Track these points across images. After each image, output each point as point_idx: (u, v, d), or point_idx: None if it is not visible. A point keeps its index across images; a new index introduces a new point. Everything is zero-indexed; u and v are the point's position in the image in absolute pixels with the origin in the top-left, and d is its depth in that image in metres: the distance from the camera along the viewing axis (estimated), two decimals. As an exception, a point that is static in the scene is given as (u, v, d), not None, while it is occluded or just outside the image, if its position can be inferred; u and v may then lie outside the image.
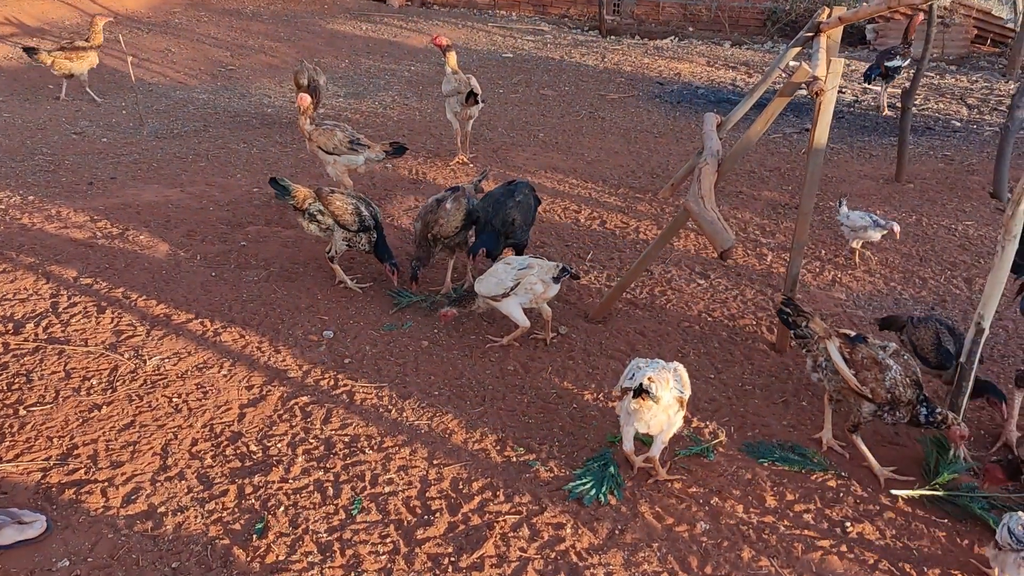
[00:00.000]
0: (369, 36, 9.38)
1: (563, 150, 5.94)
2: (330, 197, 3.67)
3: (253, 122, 6.22)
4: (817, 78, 3.08)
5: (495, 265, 3.34)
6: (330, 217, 3.64)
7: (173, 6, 9.50)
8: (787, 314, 2.81)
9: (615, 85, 7.84)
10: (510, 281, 3.25)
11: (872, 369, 2.58)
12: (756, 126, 3.26)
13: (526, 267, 3.29)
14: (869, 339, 2.69)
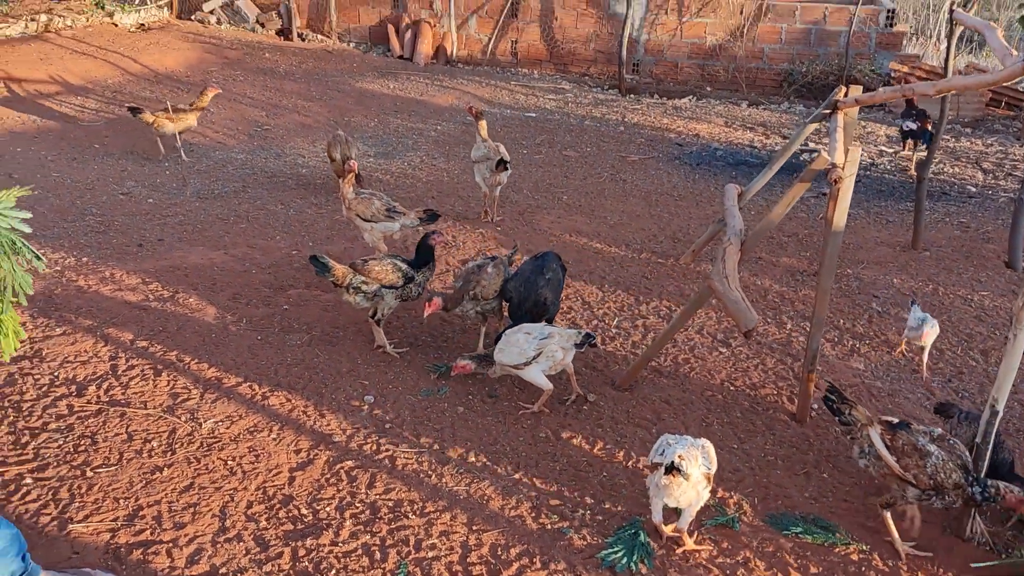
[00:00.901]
0: (397, 95, 9.70)
1: (586, 213, 6.15)
2: (366, 267, 3.87)
3: (289, 183, 6.48)
4: (836, 165, 3.29)
5: (515, 335, 3.51)
6: (375, 283, 3.83)
7: (210, 65, 9.88)
8: (832, 401, 2.96)
9: (635, 146, 8.08)
10: (532, 351, 3.43)
11: (913, 455, 2.69)
12: (778, 209, 3.46)
13: (547, 336, 3.47)
14: (913, 425, 2.80)
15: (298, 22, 11.97)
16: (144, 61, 9.56)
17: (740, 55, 10.44)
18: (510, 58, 11.51)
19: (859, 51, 9.98)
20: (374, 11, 11.90)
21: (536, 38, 11.32)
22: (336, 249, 5.18)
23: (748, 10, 10.25)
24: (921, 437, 2.74)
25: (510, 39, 11.44)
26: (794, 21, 10.19)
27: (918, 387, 3.82)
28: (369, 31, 12.00)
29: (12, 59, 8.56)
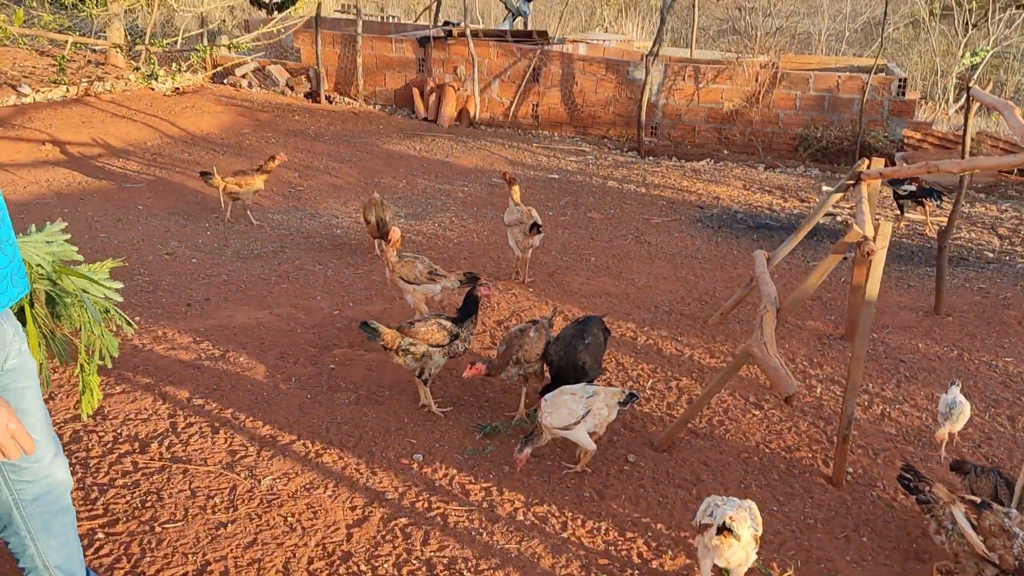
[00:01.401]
0: (423, 156, 10.00)
1: (614, 275, 6.33)
2: (413, 329, 4.03)
3: (325, 243, 6.70)
4: (867, 238, 3.46)
5: (561, 398, 3.64)
6: (423, 344, 3.99)
7: (243, 127, 10.22)
8: (908, 480, 3.06)
9: (658, 208, 8.30)
10: (581, 410, 3.56)
11: (1000, 536, 2.77)
12: (812, 279, 3.62)
13: (592, 395, 3.62)
14: (994, 506, 2.90)
15: (326, 85, 12.37)
16: (181, 124, 9.91)
17: (756, 120, 10.73)
18: (531, 121, 11.84)
19: (872, 118, 10.25)
20: (399, 75, 12.30)
21: (557, 102, 11.67)
22: (375, 309, 5.36)
23: (763, 77, 10.57)
24: (1006, 518, 2.80)
25: (531, 102, 11.79)
26: (808, 88, 10.49)
27: (951, 454, 3.93)
28: (394, 94, 12.38)
29: (56, 122, 8.90)
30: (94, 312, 2.46)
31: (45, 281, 2.33)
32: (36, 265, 2.26)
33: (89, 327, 2.37)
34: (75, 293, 2.36)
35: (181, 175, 8.20)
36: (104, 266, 2.52)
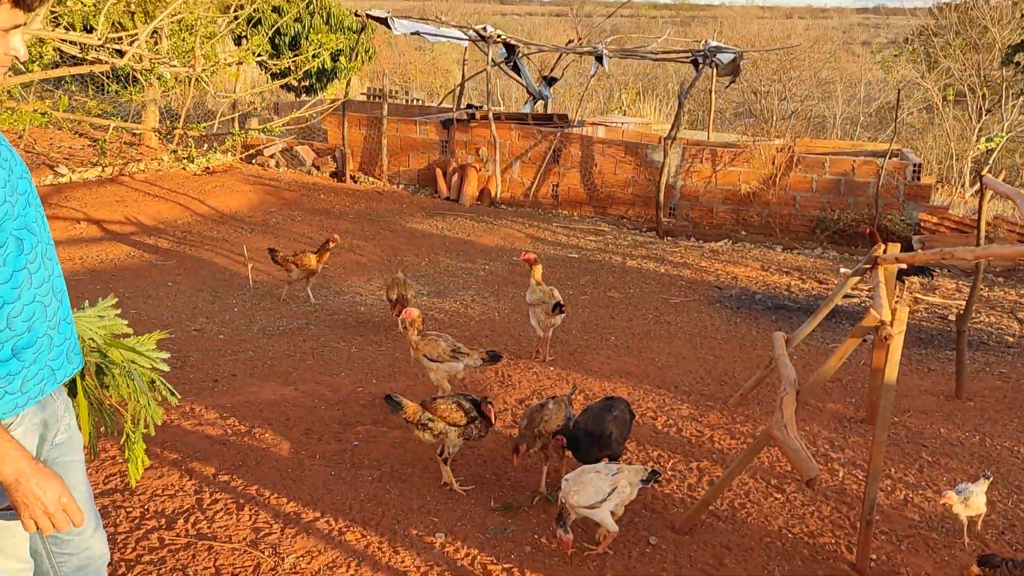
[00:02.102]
0: (445, 235, 10.20)
1: (634, 354, 6.39)
2: (433, 405, 4.10)
3: (349, 320, 6.82)
4: (884, 323, 3.52)
5: (585, 476, 3.68)
6: (441, 422, 4.05)
7: (270, 206, 10.50)
8: None
9: (677, 288, 8.40)
10: (607, 487, 3.59)
11: None
12: (831, 363, 3.68)
13: (617, 472, 3.65)
14: None
15: (351, 165, 12.73)
16: (210, 202, 10.20)
17: (773, 202, 10.90)
18: (551, 201, 12.08)
19: (888, 201, 10.39)
20: (423, 156, 12.64)
21: (576, 182, 11.92)
22: (398, 386, 5.43)
23: (779, 161, 10.78)
24: None
25: (551, 183, 12.05)
26: (824, 172, 10.68)
27: (975, 540, 3.90)
28: (417, 174, 12.71)
29: (91, 201, 9.21)
30: (141, 383, 2.56)
31: (96, 354, 2.44)
32: (88, 339, 2.37)
33: (136, 397, 2.47)
34: (123, 364, 2.46)
35: (210, 252, 8.42)
36: (152, 338, 2.63)
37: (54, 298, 2.05)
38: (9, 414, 1.92)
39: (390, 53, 25.90)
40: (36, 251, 1.98)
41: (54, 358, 2.06)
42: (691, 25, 38.79)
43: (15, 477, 1.81)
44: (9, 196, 1.89)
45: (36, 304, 1.97)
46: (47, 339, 2.01)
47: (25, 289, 1.93)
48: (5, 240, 1.88)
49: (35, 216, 1.99)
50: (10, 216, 1.88)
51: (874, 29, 41.18)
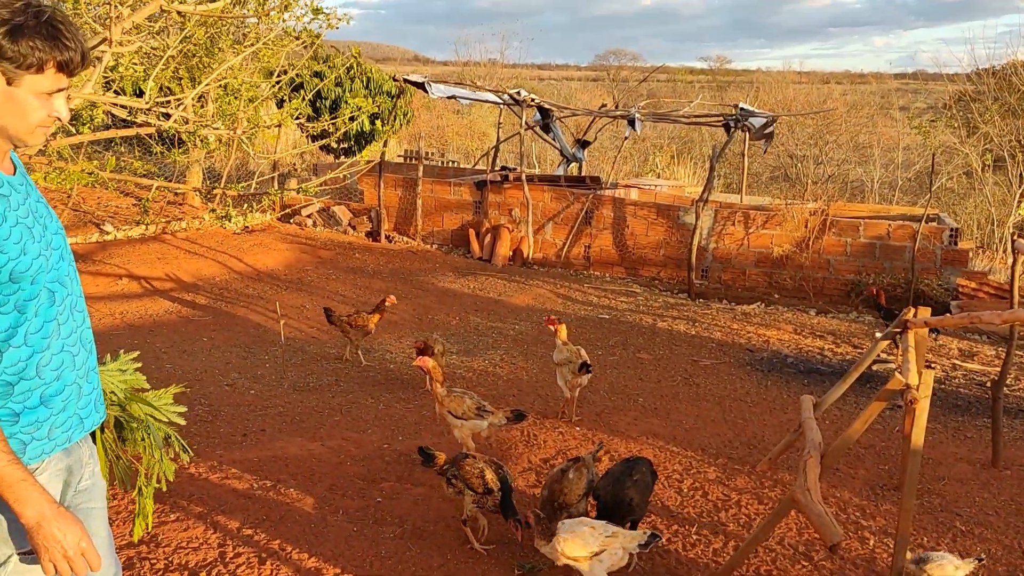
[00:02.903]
0: (476, 294, 10.29)
1: (662, 416, 6.34)
2: (462, 462, 4.11)
3: (378, 377, 6.88)
4: (910, 386, 3.48)
5: (580, 527, 3.64)
6: (461, 481, 4.06)
7: (305, 264, 10.70)
8: None
9: (707, 350, 8.34)
10: (596, 547, 3.56)
11: None
12: (856, 426, 3.63)
13: (611, 535, 3.61)
14: None
15: (386, 225, 12.95)
16: (248, 260, 10.43)
17: (806, 265, 10.85)
18: (583, 261, 12.15)
19: (925, 266, 10.29)
20: (456, 216, 12.83)
21: (608, 243, 11.99)
22: (424, 443, 5.43)
23: (812, 224, 10.76)
24: None
25: (583, 244, 12.14)
26: (858, 236, 10.63)
27: (1010, 612, 3.77)
28: (451, 234, 12.88)
29: (133, 258, 9.47)
30: (157, 438, 2.62)
31: (116, 407, 2.51)
32: (110, 392, 2.45)
33: (151, 452, 2.53)
34: (142, 419, 2.53)
35: (245, 309, 8.58)
36: (168, 392, 2.71)
37: (83, 348, 2.14)
38: (36, 460, 1.99)
39: (428, 116, 26.50)
40: (66, 303, 2.07)
41: (83, 407, 2.13)
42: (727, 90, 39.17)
43: (36, 520, 1.87)
44: (44, 250, 1.99)
45: (65, 354, 2.05)
46: (76, 388, 2.09)
47: (54, 339, 2.02)
48: (38, 292, 1.97)
49: (67, 270, 2.10)
50: (44, 269, 1.98)
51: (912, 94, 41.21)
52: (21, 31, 1.83)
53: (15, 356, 1.95)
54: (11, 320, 1.94)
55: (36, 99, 1.89)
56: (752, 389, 7.14)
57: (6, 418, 1.94)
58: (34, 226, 1.99)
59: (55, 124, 1.97)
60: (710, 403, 6.71)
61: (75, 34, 1.89)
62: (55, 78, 1.89)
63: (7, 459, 1.85)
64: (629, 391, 6.91)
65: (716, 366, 7.81)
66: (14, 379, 1.95)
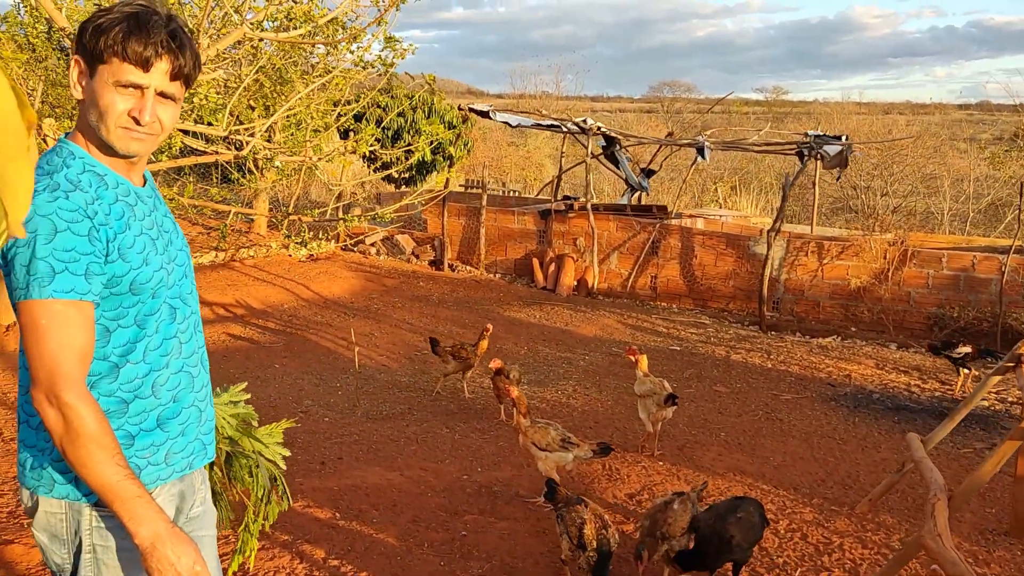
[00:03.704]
0: (543, 324, 10.13)
1: (747, 452, 6.08)
2: (573, 506, 3.85)
3: (451, 407, 6.75)
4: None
5: None
6: (562, 524, 3.87)
7: (371, 292, 10.68)
8: None
9: (786, 384, 8.05)
10: None
11: None
12: (986, 467, 3.37)
13: None
14: None
15: (449, 254, 12.92)
16: (314, 287, 10.45)
17: (885, 297, 10.47)
18: (649, 292, 11.93)
19: (1013, 299, 9.85)
20: (520, 245, 12.74)
21: (675, 274, 11.76)
22: (504, 475, 5.28)
23: (891, 255, 10.41)
24: None
25: (650, 274, 11.93)
26: (941, 267, 10.24)
27: None
28: (514, 264, 12.79)
29: (205, 284, 9.55)
30: (264, 476, 2.49)
31: (226, 442, 2.39)
32: (220, 425, 2.33)
33: (259, 489, 2.40)
34: (252, 455, 2.41)
35: (315, 336, 8.56)
36: (278, 427, 2.58)
37: (203, 370, 2.04)
38: (151, 486, 1.88)
39: (485, 147, 26.62)
40: (189, 321, 1.98)
41: (206, 432, 2.03)
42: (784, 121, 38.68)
43: (151, 541, 1.74)
44: (167, 264, 1.90)
45: (183, 374, 1.95)
46: (195, 411, 1.98)
47: (174, 358, 1.92)
48: (159, 307, 1.88)
49: (190, 288, 2.01)
50: (165, 284, 1.88)
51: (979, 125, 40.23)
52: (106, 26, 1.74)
53: (132, 372, 1.84)
54: (130, 334, 1.84)
55: (109, 91, 1.76)
56: (839, 425, 6.83)
57: (121, 440, 1.84)
58: (158, 239, 1.90)
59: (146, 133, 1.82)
60: (796, 439, 6.42)
61: (160, 28, 1.78)
62: (125, 68, 1.74)
63: (123, 474, 1.72)
64: (710, 425, 6.66)
65: (798, 401, 7.51)
66: (129, 397, 1.85)
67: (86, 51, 1.78)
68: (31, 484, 1.86)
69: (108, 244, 1.76)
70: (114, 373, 1.83)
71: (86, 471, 1.70)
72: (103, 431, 1.71)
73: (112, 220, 1.78)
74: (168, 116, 1.84)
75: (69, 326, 1.70)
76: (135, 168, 1.91)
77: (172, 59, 1.78)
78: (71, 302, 1.70)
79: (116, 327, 1.82)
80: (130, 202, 1.85)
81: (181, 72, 1.81)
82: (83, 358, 1.73)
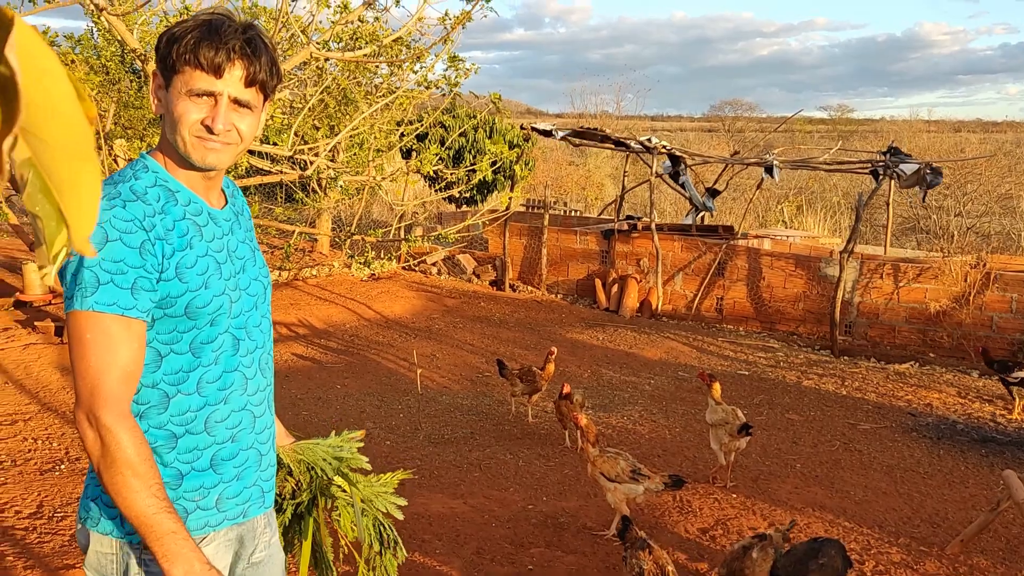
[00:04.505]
0: (606, 346, 9.92)
1: (825, 485, 5.77)
2: (641, 549, 3.66)
3: (514, 432, 6.59)
4: None
5: None
6: (628, 564, 3.67)
7: (432, 312, 10.61)
8: None
9: (863, 413, 7.68)
10: None
11: None
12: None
13: None
14: None
15: (511, 274, 12.81)
16: (376, 307, 10.43)
17: (966, 322, 9.99)
18: (715, 314, 11.62)
19: (1107, 324, 9.29)
20: (582, 266, 12.56)
21: (742, 296, 11.43)
22: (570, 506, 5.09)
23: (973, 278, 9.93)
24: None
25: (715, 296, 11.62)
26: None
27: None
28: (576, 284, 12.61)
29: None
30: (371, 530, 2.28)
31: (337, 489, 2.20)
32: (320, 470, 2.16)
33: (372, 542, 2.20)
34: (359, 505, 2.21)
35: (376, 356, 8.50)
36: (394, 478, 2.38)
37: (268, 410, 1.91)
38: (199, 532, 1.74)
39: (545, 166, 26.55)
40: (254, 357, 1.85)
41: (266, 479, 1.90)
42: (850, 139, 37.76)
43: None
44: (231, 291, 1.78)
45: (245, 413, 1.82)
46: (254, 454, 1.85)
47: (236, 394, 1.80)
48: (217, 336, 1.75)
49: (259, 321, 1.88)
50: (226, 312, 1.76)
51: (1055, 142, 38.67)
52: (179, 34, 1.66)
53: (184, 404, 1.72)
54: (184, 362, 1.72)
55: (183, 101, 1.66)
56: (923, 458, 6.46)
57: (168, 479, 1.71)
58: (225, 263, 1.78)
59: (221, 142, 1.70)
60: (878, 473, 6.08)
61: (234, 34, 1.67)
62: (197, 76, 1.64)
63: (159, 506, 1.59)
64: (784, 455, 6.36)
65: (877, 431, 7.15)
66: (180, 431, 1.72)
67: (162, 63, 1.70)
68: (83, 514, 1.75)
69: (164, 260, 1.64)
70: (164, 403, 1.71)
71: (121, 500, 1.58)
72: (141, 458, 1.59)
73: (173, 236, 1.66)
74: (246, 125, 1.73)
75: (113, 342, 1.59)
76: (213, 186, 1.81)
77: (246, 64, 1.68)
78: (116, 317, 1.58)
79: (169, 352, 1.70)
80: (199, 221, 1.75)
81: (256, 78, 1.70)
82: (126, 378, 1.61)
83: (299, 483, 2.13)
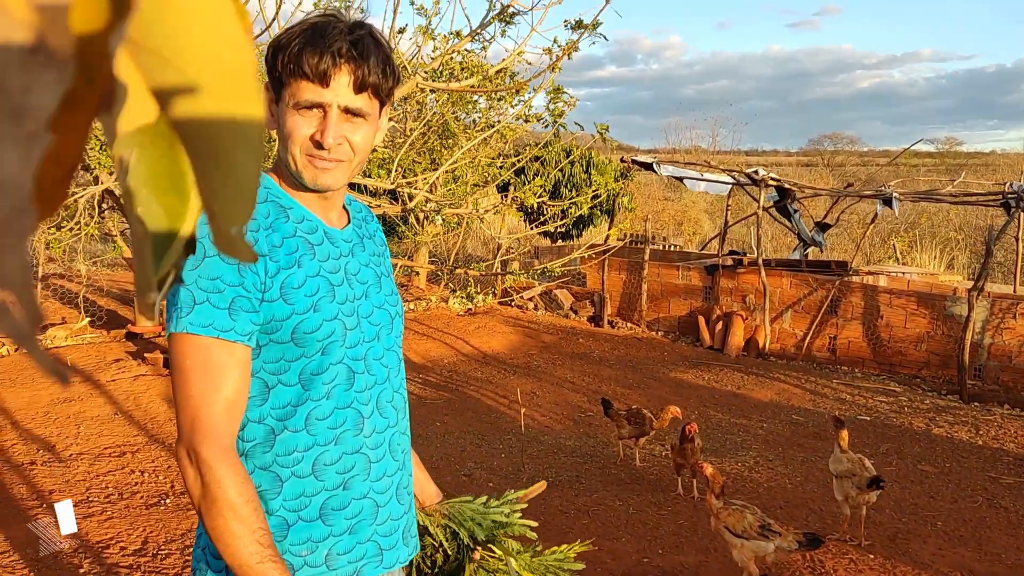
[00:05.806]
0: (712, 386, 9.46)
1: (972, 547, 5.20)
2: None
3: (621, 476, 6.23)
4: None
5: None
6: None
7: (530, 348, 10.37)
8: None
9: (1003, 465, 7.01)
10: None
11: None
12: None
13: None
14: None
15: (609, 310, 12.48)
16: (473, 342, 10.26)
17: (1115, 367, 9.11)
18: (827, 355, 10.99)
19: None
20: (684, 302, 12.13)
21: (857, 335, 10.78)
22: (688, 561, 4.71)
23: (1122, 318, 9.07)
24: None
25: (828, 335, 11.00)
26: None
27: None
28: (678, 321, 12.17)
29: (368, 335, 9.55)
30: None
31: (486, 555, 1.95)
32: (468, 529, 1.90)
33: None
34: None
35: (475, 393, 8.29)
36: (571, 549, 2.12)
37: (390, 456, 1.67)
38: None
39: (640, 201, 26.18)
40: (373, 393, 1.63)
41: (385, 534, 1.66)
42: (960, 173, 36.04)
43: None
44: (346, 316, 1.56)
45: (359, 456, 1.60)
46: (370, 504, 1.62)
47: (350, 434, 1.58)
48: (329, 366, 1.54)
49: (381, 353, 1.66)
50: (339, 339, 1.55)
51: None
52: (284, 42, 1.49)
53: (291, 443, 1.52)
54: (292, 395, 1.52)
55: (292, 116, 1.50)
56: (1082, 519, 5.79)
57: (273, 529, 1.51)
58: (341, 285, 1.58)
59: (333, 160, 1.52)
60: (1032, 534, 5.47)
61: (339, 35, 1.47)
62: (303, 86, 1.47)
63: (264, 554, 1.39)
64: (921, 511, 5.80)
65: (1021, 485, 6.48)
66: (285, 473, 1.53)
67: (270, 74, 1.53)
68: (193, 564, 1.60)
69: (267, 278, 1.47)
70: (270, 440, 1.52)
71: (222, 546, 1.39)
72: (245, 500, 1.40)
73: (280, 254, 1.49)
74: (360, 137, 1.54)
75: (214, 370, 1.42)
76: (331, 206, 1.64)
77: (353, 67, 1.48)
78: (215, 340, 1.42)
79: (276, 383, 1.52)
80: (312, 240, 1.56)
81: (366, 81, 1.49)
82: (229, 409, 1.43)
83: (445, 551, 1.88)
